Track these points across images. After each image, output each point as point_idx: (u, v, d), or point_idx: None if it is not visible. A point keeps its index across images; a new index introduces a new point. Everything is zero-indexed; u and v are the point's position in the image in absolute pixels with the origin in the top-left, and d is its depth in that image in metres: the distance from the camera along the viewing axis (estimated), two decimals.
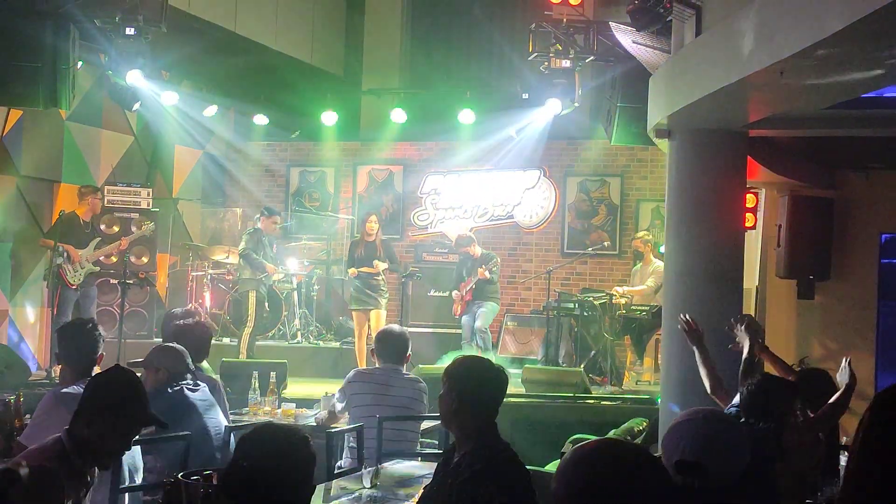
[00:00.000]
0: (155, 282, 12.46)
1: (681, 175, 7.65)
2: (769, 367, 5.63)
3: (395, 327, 6.94)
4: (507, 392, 4.02)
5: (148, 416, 3.71)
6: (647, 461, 1.90)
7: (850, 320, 10.24)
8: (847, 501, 1.97)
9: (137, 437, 5.06)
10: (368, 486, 4.88)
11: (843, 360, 4.90)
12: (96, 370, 5.44)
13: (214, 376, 6.81)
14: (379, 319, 11.00)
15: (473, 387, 3.89)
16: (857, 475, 1.94)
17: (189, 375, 5.53)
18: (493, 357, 11.43)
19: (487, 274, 11.56)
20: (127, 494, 4.94)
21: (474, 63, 13.68)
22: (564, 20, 10.01)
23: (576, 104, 11.27)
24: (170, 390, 5.39)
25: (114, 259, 11.34)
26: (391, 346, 6.41)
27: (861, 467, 1.94)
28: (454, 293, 11.87)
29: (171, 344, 5.71)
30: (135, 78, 10.28)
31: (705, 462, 2.47)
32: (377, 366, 6.42)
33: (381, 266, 11.11)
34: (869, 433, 1.94)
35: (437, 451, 6.22)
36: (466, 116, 13.09)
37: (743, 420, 4.33)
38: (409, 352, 6.54)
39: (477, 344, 11.45)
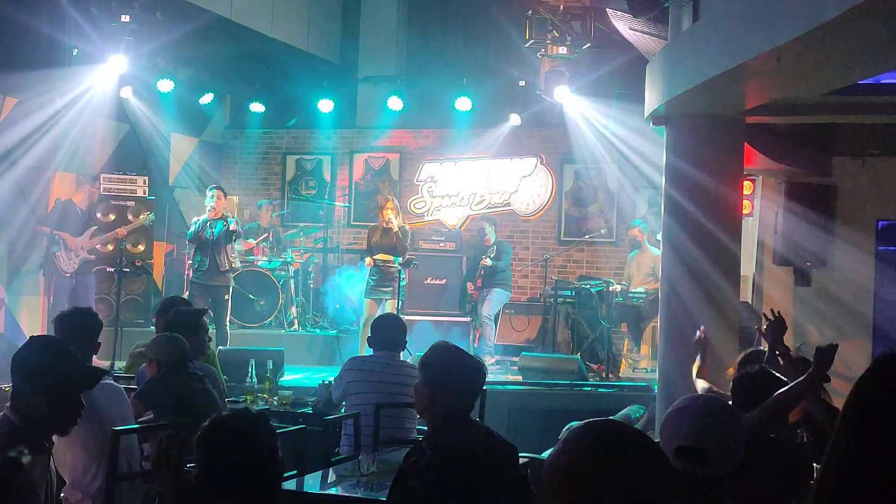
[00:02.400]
0: (151, 270, 12.44)
1: (678, 162, 7.65)
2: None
3: (392, 315, 6.93)
4: (505, 380, 4.02)
5: (79, 376, 3.58)
6: (644, 442, 1.89)
7: (846, 307, 10.25)
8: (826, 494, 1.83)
9: (138, 425, 5.07)
10: (366, 472, 4.88)
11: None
12: (95, 359, 5.45)
13: (211, 365, 6.82)
14: (393, 309, 10.89)
15: (440, 377, 3.86)
16: (836, 463, 1.84)
17: (188, 364, 5.53)
18: (491, 346, 11.48)
19: (489, 262, 11.63)
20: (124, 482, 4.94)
21: (471, 50, 13.65)
22: (561, 7, 10.02)
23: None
24: (170, 379, 5.39)
25: (110, 247, 11.33)
26: (388, 334, 6.40)
27: (841, 452, 1.84)
28: (469, 283, 12.12)
29: (168, 333, 5.71)
30: (118, 63, 10.26)
31: (706, 448, 2.47)
32: (373, 353, 6.41)
33: (398, 262, 11.01)
34: (853, 407, 1.86)
35: None
36: (463, 104, 13.09)
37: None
38: (407, 339, 6.54)
39: (475, 326, 11.51)
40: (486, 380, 4.06)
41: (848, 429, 1.82)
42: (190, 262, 11.05)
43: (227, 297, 10.64)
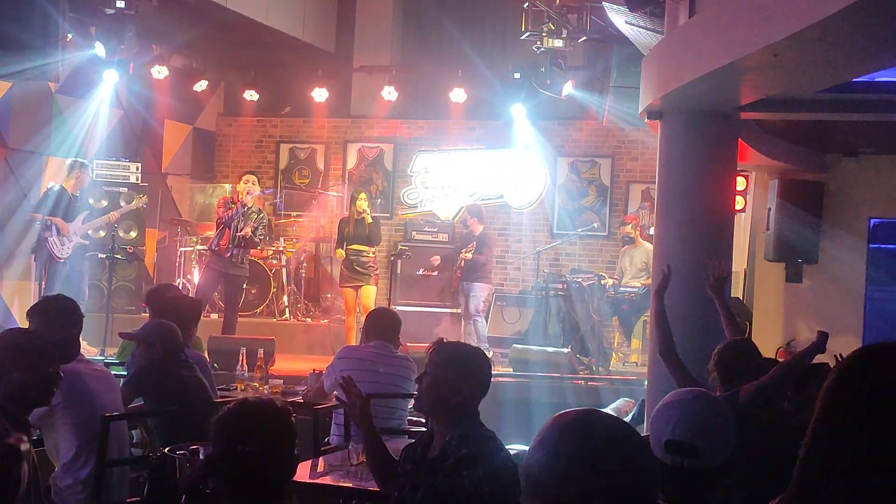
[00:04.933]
0: (143, 257, 12.42)
1: (671, 157, 7.65)
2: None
3: (388, 308, 6.92)
4: (495, 371, 4.02)
5: (54, 351, 3.73)
6: (627, 432, 1.89)
7: (837, 304, 10.27)
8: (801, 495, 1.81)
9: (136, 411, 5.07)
10: (355, 462, 4.89)
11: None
12: (84, 345, 5.44)
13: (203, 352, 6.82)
14: (368, 295, 10.94)
15: (460, 375, 3.81)
16: (812, 459, 1.83)
17: (181, 352, 5.53)
18: (486, 344, 11.47)
19: (468, 256, 11.57)
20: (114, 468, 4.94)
21: (467, 41, 13.61)
22: (557, 0, 9.99)
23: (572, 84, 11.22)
24: (162, 366, 5.38)
25: (102, 233, 11.30)
26: (382, 325, 6.41)
27: (816, 447, 1.83)
28: (457, 273, 12.06)
29: (163, 320, 5.70)
30: (111, 49, 10.23)
31: (696, 442, 2.47)
32: (367, 344, 6.41)
33: (371, 250, 11.06)
34: (829, 400, 1.83)
35: (425, 429, 6.23)
36: (458, 95, 13.08)
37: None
38: (400, 331, 6.54)
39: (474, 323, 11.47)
40: None
41: (824, 422, 1.81)
42: (212, 246, 10.81)
43: (245, 285, 11.06)
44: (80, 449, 4.75)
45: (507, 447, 3.80)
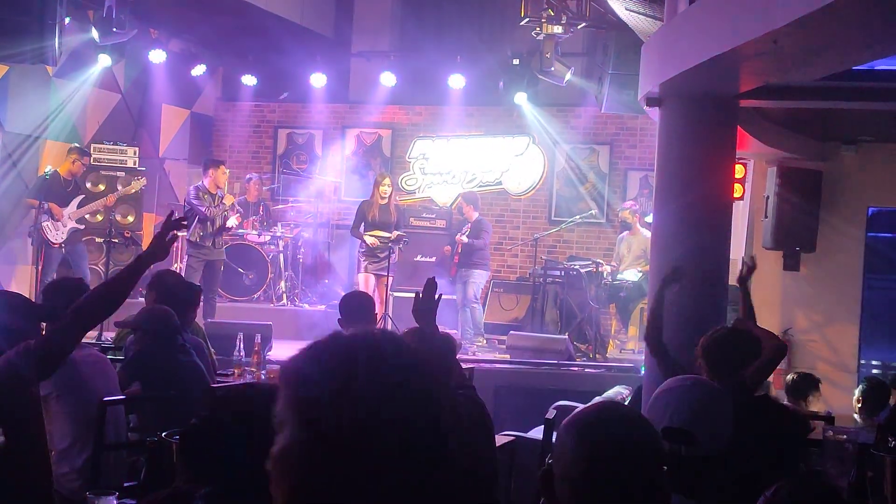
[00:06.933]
0: (140, 241, 12.39)
1: (670, 144, 7.63)
2: None
3: (357, 291, 6.83)
4: (492, 358, 4.03)
5: (34, 319, 3.70)
6: (628, 417, 1.92)
7: (834, 292, 10.28)
8: None
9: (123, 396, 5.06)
10: None
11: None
12: None
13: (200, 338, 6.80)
14: (388, 288, 10.91)
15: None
16: None
17: (178, 336, 5.52)
18: (481, 328, 11.43)
19: (465, 239, 11.54)
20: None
21: (466, 27, 13.58)
22: None
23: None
24: (157, 351, 5.38)
25: (99, 217, 11.30)
26: (357, 309, 6.36)
27: None
28: (446, 248, 11.99)
29: (158, 306, 5.69)
30: (109, 33, 10.20)
31: (693, 429, 2.47)
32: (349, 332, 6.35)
33: (395, 234, 10.96)
34: None
35: None
36: (457, 81, 13.04)
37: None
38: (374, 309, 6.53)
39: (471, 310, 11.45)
40: (474, 357, 4.07)
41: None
42: (193, 236, 10.81)
43: (222, 268, 11.01)
44: (76, 437, 4.76)
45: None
